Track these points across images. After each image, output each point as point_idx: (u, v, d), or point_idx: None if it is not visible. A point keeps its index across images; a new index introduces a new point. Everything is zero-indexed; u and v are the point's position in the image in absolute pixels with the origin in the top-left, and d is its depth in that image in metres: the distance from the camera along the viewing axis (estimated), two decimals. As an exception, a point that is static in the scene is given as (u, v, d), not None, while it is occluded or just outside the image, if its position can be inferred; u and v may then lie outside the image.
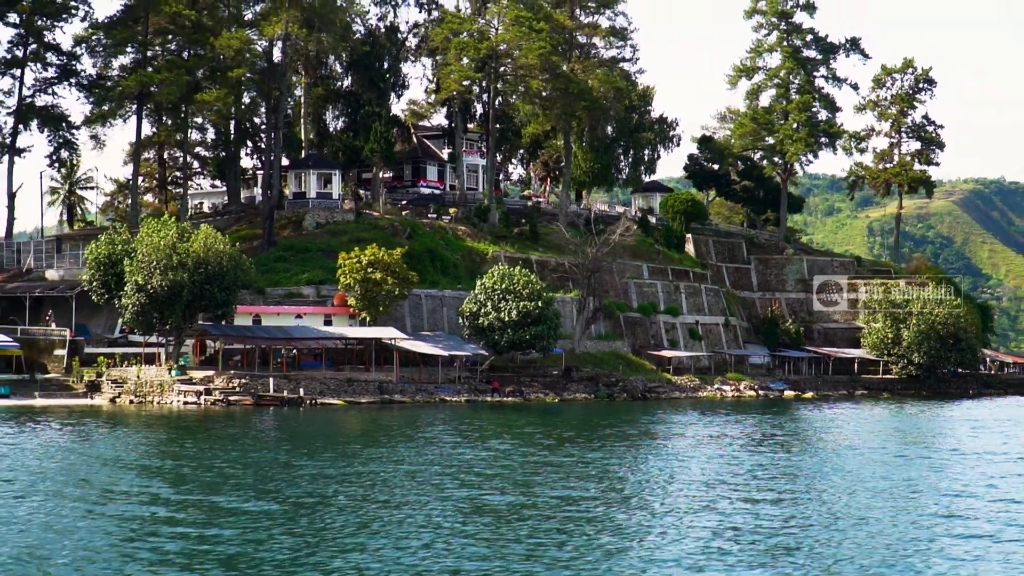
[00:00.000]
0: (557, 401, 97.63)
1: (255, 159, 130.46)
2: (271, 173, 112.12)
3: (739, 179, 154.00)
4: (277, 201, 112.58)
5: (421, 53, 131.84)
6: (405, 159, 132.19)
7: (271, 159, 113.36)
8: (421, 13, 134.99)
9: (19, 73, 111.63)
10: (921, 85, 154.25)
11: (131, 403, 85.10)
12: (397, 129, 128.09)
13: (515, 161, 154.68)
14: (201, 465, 48.67)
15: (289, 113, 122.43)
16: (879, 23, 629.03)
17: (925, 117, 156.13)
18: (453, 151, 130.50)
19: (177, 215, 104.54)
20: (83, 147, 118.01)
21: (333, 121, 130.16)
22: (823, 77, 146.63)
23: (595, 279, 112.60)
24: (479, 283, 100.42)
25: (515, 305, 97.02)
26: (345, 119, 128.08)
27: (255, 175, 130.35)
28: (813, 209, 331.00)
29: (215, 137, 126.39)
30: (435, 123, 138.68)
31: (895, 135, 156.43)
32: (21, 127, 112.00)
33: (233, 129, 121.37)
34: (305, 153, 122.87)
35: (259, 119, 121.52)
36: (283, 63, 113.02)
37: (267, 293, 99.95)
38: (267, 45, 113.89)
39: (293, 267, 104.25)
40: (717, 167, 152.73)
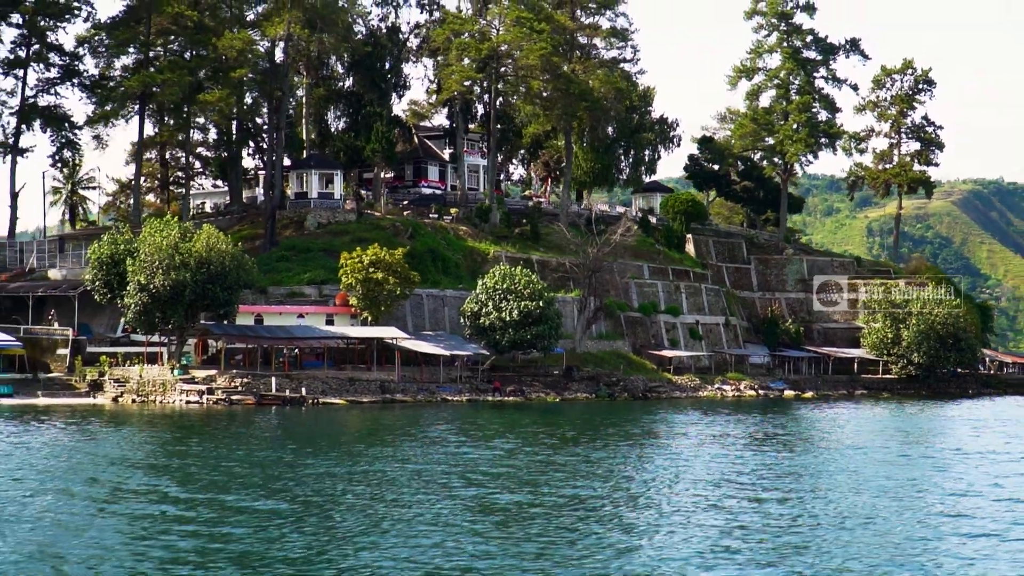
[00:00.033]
0: (558, 401, 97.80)
1: (257, 159, 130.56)
2: (273, 173, 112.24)
3: (739, 179, 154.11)
4: (279, 201, 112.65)
5: (422, 54, 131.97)
6: (406, 159, 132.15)
7: (273, 159, 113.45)
8: (422, 14, 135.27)
9: (22, 73, 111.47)
10: (921, 86, 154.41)
11: (133, 402, 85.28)
12: (398, 129, 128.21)
13: (516, 161, 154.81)
14: (207, 464, 48.78)
15: (291, 113, 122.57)
16: (879, 24, 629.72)
17: (925, 118, 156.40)
18: (454, 151, 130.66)
19: (179, 215, 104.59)
20: (85, 147, 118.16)
21: (335, 121, 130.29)
22: (823, 78, 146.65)
23: (596, 279, 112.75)
24: (480, 283, 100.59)
25: (516, 305, 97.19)
26: (347, 119, 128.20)
27: (257, 175, 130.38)
28: (812, 209, 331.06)
29: (217, 137, 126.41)
30: (436, 123, 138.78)
31: (895, 136, 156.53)
32: (24, 127, 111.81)
33: (235, 129, 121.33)
34: (307, 153, 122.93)
35: (261, 119, 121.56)
36: (285, 63, 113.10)
37: (269, 293, 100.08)
38: (269, 46, 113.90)
39: (295, 267, 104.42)
40: (717, 167, 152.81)
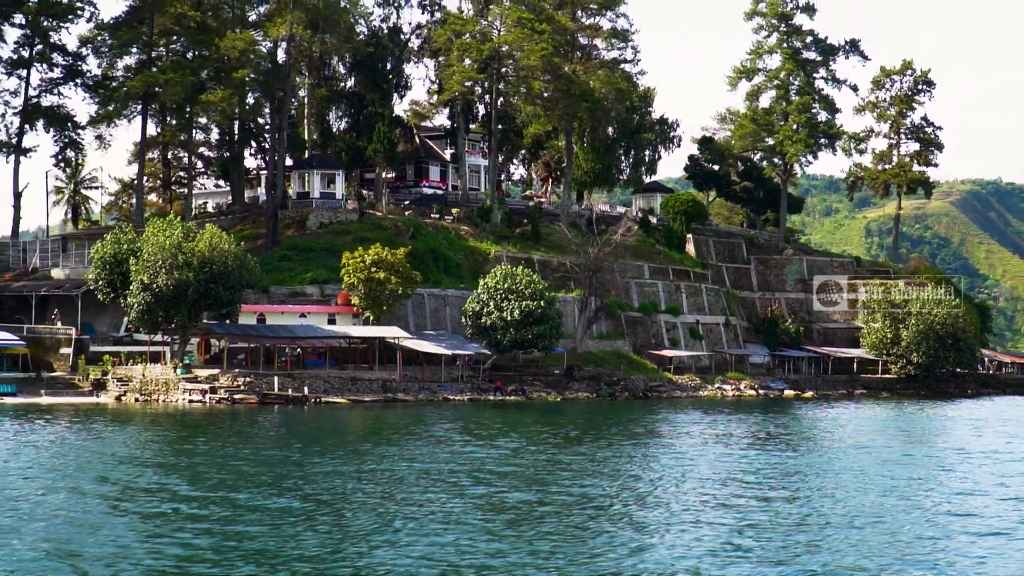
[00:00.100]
0: (559, 400, 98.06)
1: (259, 159, 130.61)
2: (275, 173, 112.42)
3: (739, 180, 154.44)
4: (281, 201, 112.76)
5: (424, 54, 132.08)
6: (408, 159, 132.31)
7: (275, 159, 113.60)
8: (424, 14, 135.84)
9: (25, 73, 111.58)
10: (920, 87, 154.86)
11: (136, 401, 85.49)
12: (400, 130, 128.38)
13: (517, 162, 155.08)
14: (215, 463, 48.95)
15: (293, 114, 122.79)
16: (879, 25, 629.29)
17: (924, 118, 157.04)
18: (455, 151, 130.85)
19: (181, 215, 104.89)
20: (88, 147, 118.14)
21: (336, 121, 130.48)
22: (823, 78, 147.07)
23: (596, 279, 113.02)
24: (482, 283, 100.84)
25: (517, 305, 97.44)
26: (348, 120, 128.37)
27: (259, 175, 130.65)
28: (811, 210, 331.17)
29: (219, 137, 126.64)
30: (437, 124, 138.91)
31: (894, 136, 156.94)
32: (27, 127, 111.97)
33: (237, 129, 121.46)
34: (309, 153, 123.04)
35: (263, 119, 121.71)
36: (287, 64, 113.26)
37: (271, 292, 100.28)
38: (271, 46, 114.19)
39: (297, 266, 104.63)
40: (717, 168, 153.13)
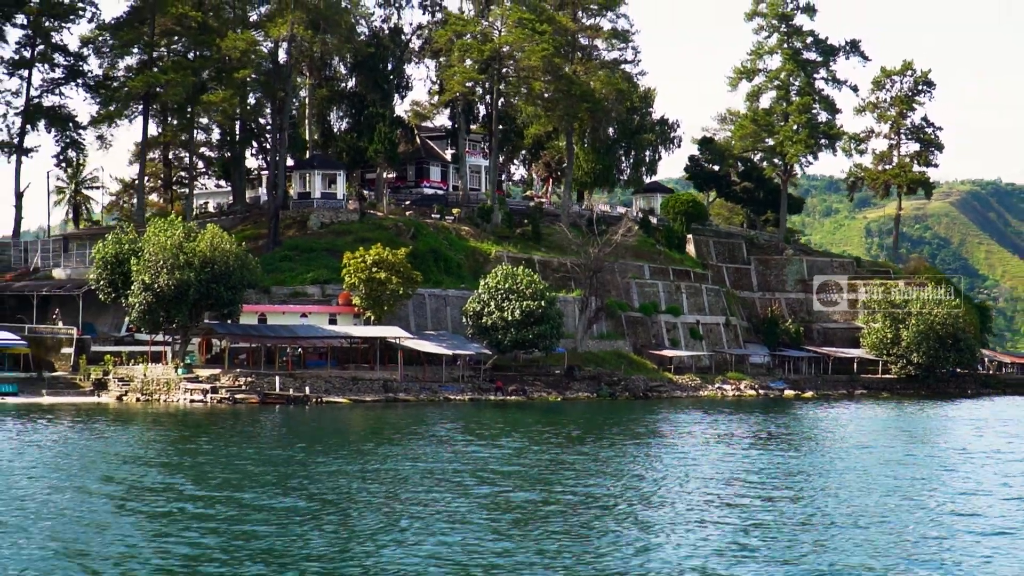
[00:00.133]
0: (560, 400, 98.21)
1: (260, 159, 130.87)
2: (276, 173, 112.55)
3: (739, 180, 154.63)
4: (282, 201, 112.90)
5: (425, 55, 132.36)
6: (408, 160, 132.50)
7: (276, 159, 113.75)
8: (425, 15, 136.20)
9: (27, 74, 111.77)
10: (920, 87, 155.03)
11: (137, 401, 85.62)
12: (401, 130, 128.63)
13: (517, 162, 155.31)
14: (219, 462, 49.02)
15: (294, 114, 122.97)
16: (879, 25, 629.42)
17: (924, 119, 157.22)
18: (456, 152, 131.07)
19: (182, 215, 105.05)
20: (89, 147, 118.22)
21: (337, 122, 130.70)
22: (823, 79, 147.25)
23: (597, 279, 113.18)
24: (482, 283, 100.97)
25: (518, 305, 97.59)
26: (349, 120, 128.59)
27: (260, 175, 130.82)
28: (811, 210, 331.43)
29: (220, 137, 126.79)
30: (438, 124, 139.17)
31: (894, 137, 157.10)
32: (29, 127, 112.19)
33: (238, 129, 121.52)
34: (310, 154, 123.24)
35: (264, 120, 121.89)
36: (288, 64, 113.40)
37: (272, 292, 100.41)
38: (272, 46, 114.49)
39: (298, 267, 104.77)
40: (717, 168, 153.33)
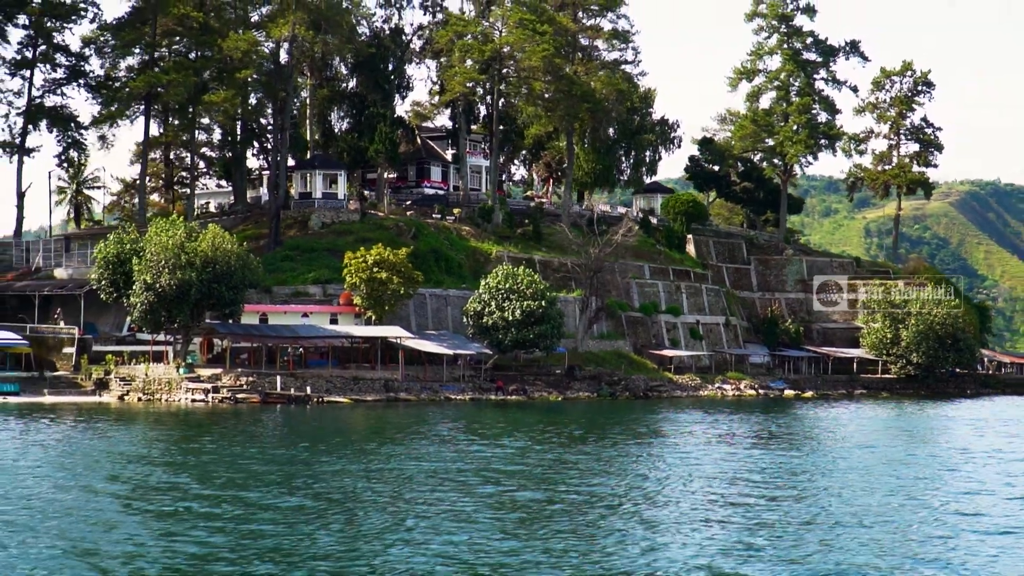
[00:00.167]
0: (560, 400, 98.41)
1: (261, 159, 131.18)
2: (277, 173, 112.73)
3: (739, 180, 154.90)
4: (283, 201, 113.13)
5: (425, 55, 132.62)
6: (409, 160, 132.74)
7: (277, 159, 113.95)
8: (426, 16, 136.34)
9: (28, 74, 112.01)
10: (920, 88, 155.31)
11: (139, 401, 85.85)
12: (401, 130, 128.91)
13: (518, 162, 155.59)
14: (223, 462, 49.12)
15: (295, 114, 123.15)
16: (879, 26, 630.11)
17: (924, 119, 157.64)
18: (457, 152, 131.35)
19: (183, 215, 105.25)
20: (91, 147, 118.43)
21: (338, 122, 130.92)
22: (823, 79, 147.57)
23: (597, 279, 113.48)
24: (483, 283, 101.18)
25: (519, 304, 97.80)
26: (350, 120, 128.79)
27: (261, 175, 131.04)
28: (810, 210, 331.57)
29: (222, 137, 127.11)
30: (439, 124, 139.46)
31: (894, 137, 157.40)
32: (30, 127, 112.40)
33: (240, 130, 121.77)
34: (311, 154, 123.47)
35: (265, 120, 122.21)
36: (289, 64, 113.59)
37: (274, 292, 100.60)
38: (274, 47, 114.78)
39: (299, 266, 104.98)
40: (717, 168, 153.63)
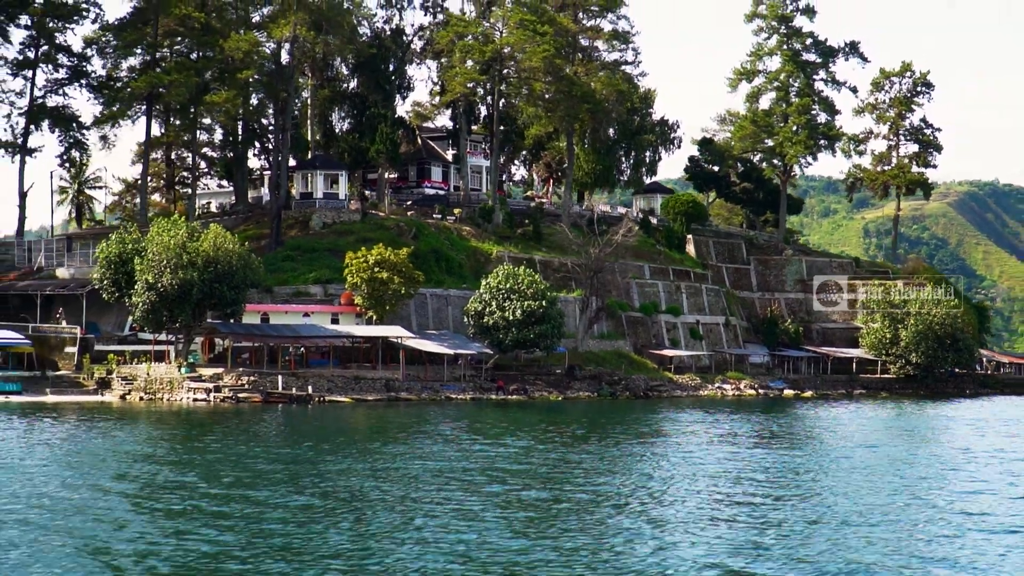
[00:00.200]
0: (561, 399, 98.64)
1: (262, 160, 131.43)
2: (278, 173, 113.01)
3: (739, 181, 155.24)
4: (284, 201, 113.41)
5: (426, 56, 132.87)
6: (410, 160, 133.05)
7: (278, 160, 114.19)
8: (426, 16, 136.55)
9: (30, 74, 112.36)
10: (919, 88, 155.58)
11: (141, 400, 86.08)
12: (402, 131, 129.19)
13: (518, 162, 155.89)
14: (229, 461, 49.21)
15: (296, 114, 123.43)
16: (878, 27, 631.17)
17: (923, 120, 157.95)
18: (457, 152, 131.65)
19: (185, 215, 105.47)
20: (92, 147, 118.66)
21: (339, 122, 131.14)
22: (822, 80, 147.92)
23: (598, 279, 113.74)
24: (484, 283, 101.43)
25: (519, 304, 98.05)
26: (351, 120, 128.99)
27: (262, 175, 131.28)
28: (809, 211, 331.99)
29: (223, 138, 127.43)
30: (440, 125, 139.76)
31: (893, 138, 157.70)
32: (32, 127, 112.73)
33: (241, 130, 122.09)
34: (312, 154, 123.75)
35: (267, 120, 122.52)
36: (291, 65, 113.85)
37: (275, 292, 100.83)
38: (275, 47, 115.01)
39: (300, 266, 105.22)
40: (717, 169, 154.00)
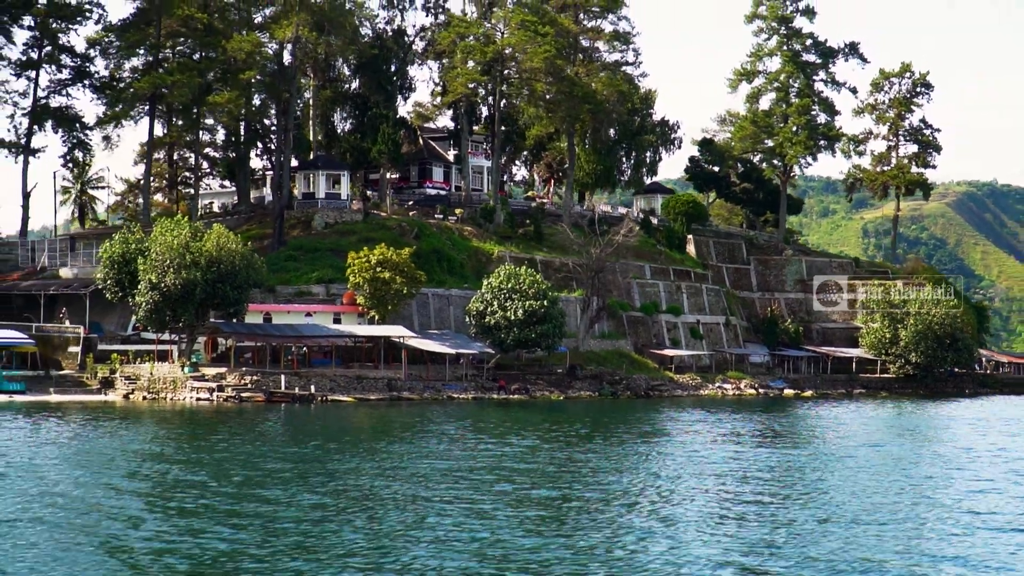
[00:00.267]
0: (562, 399, 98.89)
1: (265, 160, 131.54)
2: (281, 174, 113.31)
3: (739, 181, 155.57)
4: (287, 201, 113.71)
5: (428, 56, 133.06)
6: (412, 160, 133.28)
7: (281, 160, 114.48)
8: (428, 17, 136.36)
9: (34, 75, 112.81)
10: (918, 89, 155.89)
11: (144, 399, 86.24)
12: (404, 131, 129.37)
13: (519, 163, 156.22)
14: (237, 460, 49.37)
15: (298, 115, 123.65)
16: (878, 27, 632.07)
17: (922, 121, 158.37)
18: (459, 153, 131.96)
19: (187, 215, 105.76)
20: (95, 147, 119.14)
21: (341, 123, 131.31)
22: (822, 81, 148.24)
23: (599, 279, 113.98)
24: (485, 282, 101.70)
25: (521, 304, 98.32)
26: (353, 121, 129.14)
27: (264, 176, 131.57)
28: (808, 211, 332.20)
29: (225, 138, 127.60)
30: (441, 125, 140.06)
31: (893, 138, 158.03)
32: (36, 128, 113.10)
33: (243, 130, 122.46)
34: (314, 154, 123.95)
35: (269, 121, 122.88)
36: (293, 66, 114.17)
37: (277, 292, 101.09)
38: (277, 48, 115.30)
39: (303, 266, 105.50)
40: (717, 169, 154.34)
